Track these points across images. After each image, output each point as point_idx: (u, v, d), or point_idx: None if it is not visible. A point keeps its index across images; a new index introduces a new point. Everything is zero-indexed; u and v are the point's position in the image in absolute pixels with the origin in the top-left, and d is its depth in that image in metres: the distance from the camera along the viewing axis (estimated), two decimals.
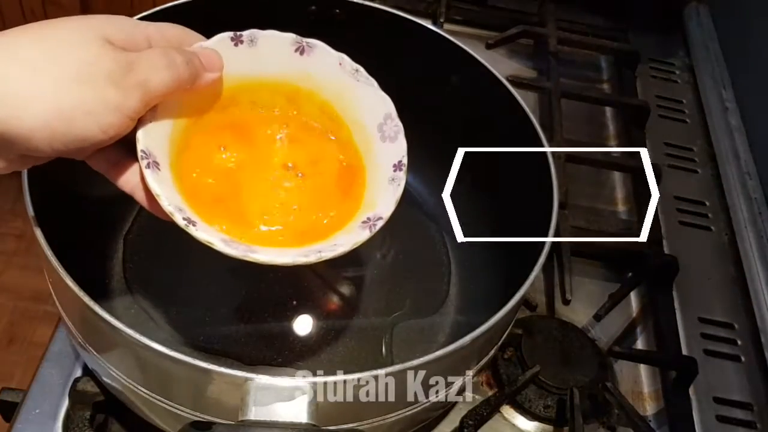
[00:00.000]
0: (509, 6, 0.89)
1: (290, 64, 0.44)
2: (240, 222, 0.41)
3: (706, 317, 0.62)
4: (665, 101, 0.82)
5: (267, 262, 0.38)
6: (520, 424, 0.53)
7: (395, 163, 0.43)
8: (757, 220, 0.69)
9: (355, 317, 0.54)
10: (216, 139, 0.43)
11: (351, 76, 0.45)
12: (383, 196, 0.42)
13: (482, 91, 0.53)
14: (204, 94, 0.42)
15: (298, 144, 0.45)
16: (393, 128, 0.44)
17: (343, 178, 0.45)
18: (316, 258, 0.38)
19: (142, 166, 0.37)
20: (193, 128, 0.42)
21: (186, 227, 0.37)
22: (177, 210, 0.37)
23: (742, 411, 0.57)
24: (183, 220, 0.37)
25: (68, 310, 0.42)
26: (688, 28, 0.91)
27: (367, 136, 0.45)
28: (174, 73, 0.36)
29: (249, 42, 0.43)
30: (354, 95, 0.45)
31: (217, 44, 0.41)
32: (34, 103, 0.31)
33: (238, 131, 0.44)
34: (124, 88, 0.34)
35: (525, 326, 0.56)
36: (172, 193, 0.38)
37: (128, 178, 0.38)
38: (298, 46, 0.44)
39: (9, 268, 1.44)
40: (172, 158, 0.40)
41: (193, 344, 0.51)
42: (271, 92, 0.45)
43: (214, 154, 0.43)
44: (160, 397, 0.39)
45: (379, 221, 0.41)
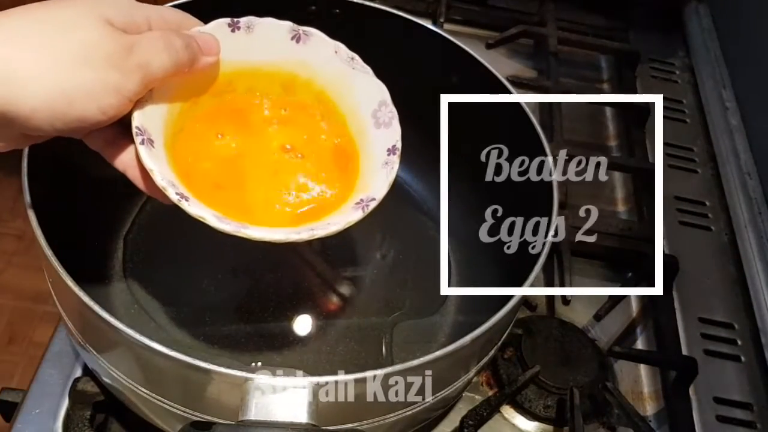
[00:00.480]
0: (509, 6, 0.89)
1: (286, 51, 0.45)
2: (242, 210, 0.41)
3: (706, 317, 0.62)
4: (665, 101, 0.82)
5: (259, 239, 0.38)
6: (520, 424, 0.53)
7: (389, 147, 0.43)
8: (757, 220, 0.69)
9: (355, 317, 0.54)
10: (212, 125, 0.44)
11: (347, 64, 0.45)
12: (377, 179, 0.43)
13: (482, 92, 0.53)
14: (200, 78, 0.42)
15: (294, 126, 0.46)
16: (388, 114, 0.44)
17: (339, 160, 0.45)
18: (308, 235, 0.39)
19: (136, 142, 0.37)
20: (188, 112, 0.42)
21: (179, 202, 0.37)
22: (170, 185, 0.37)
23: (742, 411, 0.57)
24: (176, 195, 0.37)
25: (68, 310, 0.42)
26: (688, 28, 0.91)
27: (361, 123, 0.45)
28: (173, 56, 0.37)
29: (246, 29, 0.43)
30: (349, 83, 0.45)
31: (215, 30, 0.42)
32: (36, 83, 0.32)
33: (235, 117, 0.45)
34: (124, 70, 0.34)
35: (525, 326, 0.56)
36: (165, 169, 0.38)
37: (123, 158, 0.38)
38: (294, 34, 0.45)
39: (9, 268, 1.44)
40: (167, 139, 0.40)
41: (193, 344, 0.51)
42: (267, 80, 0.46)
43: (211, 141, 0.43)
44: (160, 397, 0.39)
45: (372, 202, 0.41)
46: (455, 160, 0.51)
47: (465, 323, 0.54)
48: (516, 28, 0.81)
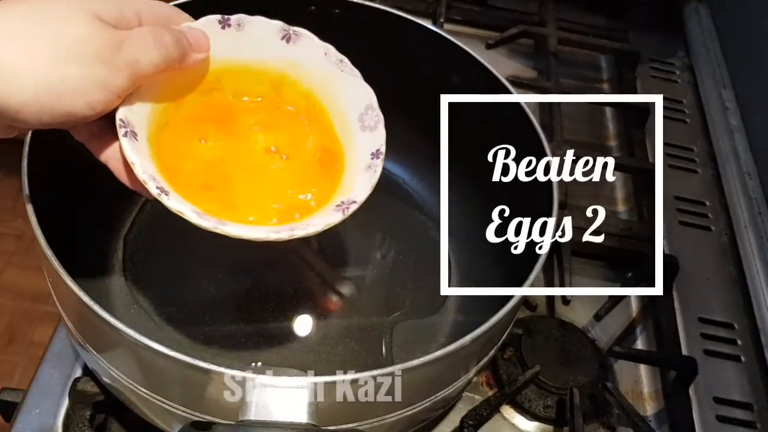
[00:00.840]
0: (509, 6, 0.89)
1: (276, 51, 0.45)
2: (230, 208, 0.41)
3: (706, 317, 0.62)
4: (665, 101, 0.82)
5: (237, 236, 0.38)
6: (520, 424, 0.53)
7: (373, 151, 0.43)
8: (757, 220, 0.69)
9: (355, 317, 0.54)
10: (198, 125, 0.44)
11: (335, 66, 0.45)
12: (359, 182, 0.43)
13: (482, 92, 0.53)
14: (188, 74, 0.42)
15: (279, 129, 0.46)
16: (374, 118, 0.44)
17: (324, 161, 0.45)
18: (288, 235, 0.39)
19: (119, 134, 0.37)
20: (174, 108, 0.42)
21: (158, 196, 0.37)
22: (150, 179, 0.37)
23: (742, 411, 0.57)
24: (156, 189, 0.37)
25: (68, 310, 0.42)
26: (688, 28, 0.91)
27: (347, 126, 0.45)
28: (163, 53, 0.37)
29: (236, 26, 0.43)
30: (337, 85, 0.45)
31: (205, 26, 0.42)
32: (25, 78, 0.32)
33: (219, 118, 0.45)
34: (113, 66, 0.34)
35: (525, 326, 0.56)
36: (147, 163, 0.38)
37: (107, 151, 0.39)
38: (284, 34, 0.45)
39: (9, 267, 1.44)
40: (150, 133, 0.40)
41: (193, 344, 0.51)
42: (256, 79, 0.45)
43: (196, 142, 0.43)
44: (160, 397, 0.39)
45: (353, 205, 0.41)
46: (455, 160, 0.51)
47: (465, 323, 0.54)
48: (516, 28, 0.82)
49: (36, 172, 0.42)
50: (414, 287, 0.57)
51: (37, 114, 0.33)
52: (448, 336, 0.54)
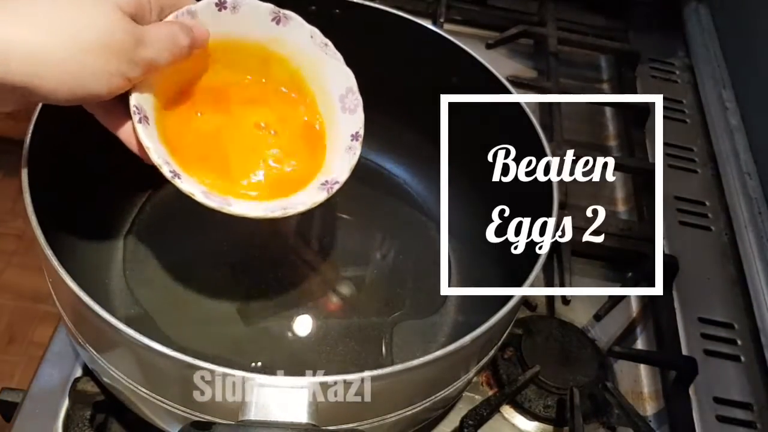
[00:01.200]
0: (509, 6, 0.89)
1: (267, 31, 0.48)
2: (225, 177, 0.45)
3: (706, 317, 0.62)
4: (665, 101, 0.82)
5: (240, 214, 0.43)
6: (520, 424, 0.53)
7: (353, 133, 0.47)
8: (757, 220, 0.69)
9: (355, 317, 0.54)
10: (193, 103, 0.47)
11: (320, 49, 0.48)
12: (340, 162, 0.47)
13: (482, 92, 0.53)
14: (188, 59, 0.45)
15: (267, 106, 0.49)
16: (353, 101, 0.48)
17: (309, 138, 0.49)
18: (281, 213, 0.43)
19: (134, 120, 0.41)
20: (173, 89, 0.46)
21: (172, 179, 0.41)
22: (165, 163, 0.41)
23: (742, 411, 0.57)
24: (170, 173, 0.41)
25: (68, 310, 0.42)
26: (688, 28, 0.91)
27: (329, 105, 0.49)
28: (177, 53, 0.41)
29: (231, 8, 0.46)
30: (321, 66, 0.48)
31: (203, 8, 0.45)
32: (55, 66, 0.35)
33: (214, 97, 0.48)
34: (131, 61, 0.38)
35: (525, 326, 0.56)
36: (159, 147, 0.42)
37: (118, 123, 0.43)
38: (275, 16, 0.48)
39: (9, 268, 1.44)
40: (156, 114, 0.43)
41: (193, 344, 0.51)
42: (247, 54, 0.48)
43: (194, 116, 0.47)
44: (159, 397, 0.39)
45: (336, 185, 0.45)
46: (455, 160, 0.51)
47: (465, 323, 0.54)
48: (516, 28, 0.82)
49: (36, 172, 0.42)
50: (414, 287, 0.57)
51: (65, 97, 0.36)
52: (448, 336, 0.54)
